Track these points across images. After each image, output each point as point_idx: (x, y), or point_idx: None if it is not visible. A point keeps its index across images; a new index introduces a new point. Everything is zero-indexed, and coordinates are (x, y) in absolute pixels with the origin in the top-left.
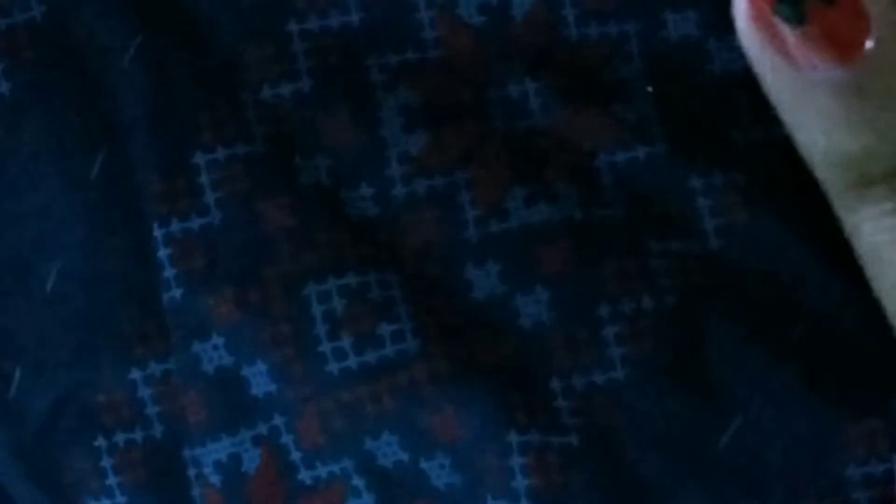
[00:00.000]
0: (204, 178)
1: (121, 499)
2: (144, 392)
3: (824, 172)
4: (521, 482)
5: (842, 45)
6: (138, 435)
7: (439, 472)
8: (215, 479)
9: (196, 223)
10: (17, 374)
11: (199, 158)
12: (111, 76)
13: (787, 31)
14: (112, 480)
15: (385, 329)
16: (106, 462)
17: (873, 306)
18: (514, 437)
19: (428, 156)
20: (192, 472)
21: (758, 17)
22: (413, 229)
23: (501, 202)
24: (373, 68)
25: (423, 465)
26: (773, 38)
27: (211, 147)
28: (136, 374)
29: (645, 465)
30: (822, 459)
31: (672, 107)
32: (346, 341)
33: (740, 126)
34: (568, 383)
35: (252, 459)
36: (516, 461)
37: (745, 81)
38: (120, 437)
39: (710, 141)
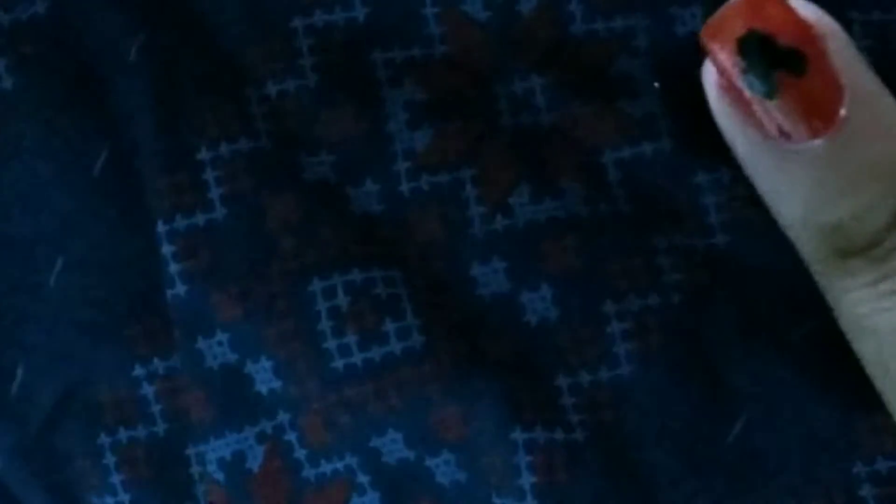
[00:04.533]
0: (208, 175)
1: (124, 496)
2: (148, 389)
3: (803, 242)
4: (526, 480)
5: (815, 116)
6: (142, 432)
7: (444, 470)
8: (219, 477)
9: (200, 219)
10: (20, 370)
11: (204, 154)
12: (115, 72)
13: (758, 103)
14: (115, 478)
15: (390, 326)
16: (109, 459)
17: None
18: (519, 435)
19: (433, 152)
20: (195, 469)
21: (728, 87)
22: (418, 226)
23: (507, 198)
24: (378, 64)
25: (428, 462)
26: (745, 108)
27: (215, 143)
28: (139, 371)
29: (651, 463)
30: (828, 457)
31: (678, 102)
32: (350, 338)
33: None
34: (574, 380)
35: (256, 457)
36: (522, 459)
37: None
38: (123, 435)
39: (716, 137)
